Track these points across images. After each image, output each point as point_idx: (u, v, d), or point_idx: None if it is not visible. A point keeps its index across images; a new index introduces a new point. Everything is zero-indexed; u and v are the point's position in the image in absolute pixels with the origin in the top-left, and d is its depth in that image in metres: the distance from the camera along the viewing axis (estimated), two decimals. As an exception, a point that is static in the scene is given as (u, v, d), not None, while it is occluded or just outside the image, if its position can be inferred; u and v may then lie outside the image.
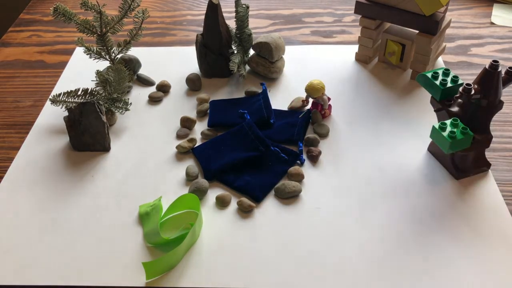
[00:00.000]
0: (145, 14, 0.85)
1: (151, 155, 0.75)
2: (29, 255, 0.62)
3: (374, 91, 0.85)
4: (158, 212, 0.65)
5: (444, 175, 0.70)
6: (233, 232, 0.64)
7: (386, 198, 0.67)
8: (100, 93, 0.80)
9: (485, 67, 0.63)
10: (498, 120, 0.79)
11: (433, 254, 0.61)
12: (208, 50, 0.87)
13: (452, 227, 0.64)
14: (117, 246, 0.63)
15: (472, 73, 0.89)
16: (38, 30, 1.07)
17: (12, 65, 0.97)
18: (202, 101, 0.83)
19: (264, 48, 0.85)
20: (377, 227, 0.64)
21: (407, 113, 0.80)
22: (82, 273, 0.60)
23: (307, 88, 0.78)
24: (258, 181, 0.69)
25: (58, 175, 0.72)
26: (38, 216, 0.67)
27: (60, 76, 0.92)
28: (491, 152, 0.73)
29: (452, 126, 0.63)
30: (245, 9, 0.86)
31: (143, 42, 0.99)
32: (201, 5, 1.15)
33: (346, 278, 0.59)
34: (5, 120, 0.83)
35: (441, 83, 0.67)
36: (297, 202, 0.67)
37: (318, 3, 1.13)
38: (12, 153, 0.77)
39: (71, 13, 0.80)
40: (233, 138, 0.75)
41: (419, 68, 0.85)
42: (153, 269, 0.59)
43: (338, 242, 0.62)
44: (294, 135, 0.76)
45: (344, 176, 0.71)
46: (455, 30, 1.01)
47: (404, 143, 0.75)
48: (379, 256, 0.61)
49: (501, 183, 0.69)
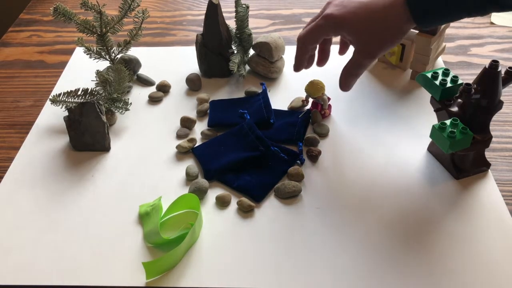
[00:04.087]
0: (145, 14, 0.85)
1: (151, 155, 0.75)
2: (29, 255, 0.62)
3: (374, 91, 0.85)
4: (158, 212, 0.65)
5: (444, 175, 0.70)
6: (233, 232, 0.64)
7: (386, 198, 0.67)
8: (100, 93, 0.80)
9: (485, 67, 0.63)
10: (498, 120, 0.79)
11: (432, 254, 0.61)
12: (208, 50, 0.87)
13: (451, 227, 0.64)
14: (117, 246, 0.63)
15: (472, 73, 0.89)
16: (38, 30, 1.08)
17: (12, 65, 0.97)
18: (202, 101, 0.84)
19: (264, 48, 0.85)
20: (377, 227, 0.64)
21: (407, 113, 0.80)
22: (82, 273, 0.60)
23: (307, 88, 0.78)
24: (258, 181, 0.69)
25: (58, 175, 0.72)
26: (38, 216, 0.67)
27: (60, 76, 0.92)
28: (491, 152, 0.73)
29: (452, 126, 0.63)
30: (245, 9, 0.86)
31: (143, 42, 0.99)
32: (201, 5, 1.15)
33: (346, 278, 0.59)
34: (5, 120, 0.83)
35: (441, 83, 0.67)
36: (297, 202, 0.68)
37: (318, 3, 1.13)
38: (12, 153, 0.77)
39: (71, 13, 0.80)
40: (233, 138, 0.75)
41: (419, 68, 0.85)
42: (153, 269, 0.59)
43: (338, 242, 0.62)
44: (294, 135, 0.76)
45: (344, 176, 0.71)
46: (455, 30, 1.01)
47: (404, 143, 0.75)
48: (379, 256, 0.61)
49: (501, 183, 0.69)
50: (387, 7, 0.63)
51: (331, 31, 0.68)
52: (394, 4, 0.63)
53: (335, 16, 0.66)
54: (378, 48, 0.67)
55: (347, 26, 0.66)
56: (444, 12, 0.61)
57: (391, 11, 0.63)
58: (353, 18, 0.65)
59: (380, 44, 0.66)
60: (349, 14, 0.65)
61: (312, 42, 0.70)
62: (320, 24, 0.68)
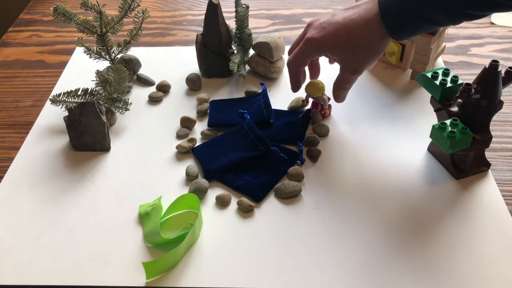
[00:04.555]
0: (145, 14, 0.85)
1: (151, 155, 0.75)
2: (29, 255, 0.62)
3: (374, 91, 0.85)
4: (158, 212, 0.65)
5: (444, 175, 0.70)
6: (233, 232, 0.64)
7: (386, 198, 0.67)
8: (100, 93, 0.80)
9: (485, 67, 0.63)
10: (498, 120, 0.79)
11: (432, 254, 0.61)
12: (208, 50, 0.87)
13: (451, 227, 0.64)
14: (117, 246, 0.63)
15: (472, 73, 0.89)
16: (38, 30, 1.08)
17: (12, 65, 0.97)
18: (202, 101, 0.84)
19: (264, 48, 0.85)
20: (377, 227, 0.64)
21: (407, 113, 0.80)
22: (82, 273, 0.60)
23: (307, 88, 0.78)
24: (258, 181, 0.69)
25: (58, 175, 0.72)
26: (38, 216, 0.67)
27: (60, 76, 0.92)
28: (491, 152, 0.73)
29: (452, 126, 0.63)
30: (245, 9, 0.86)
31: (143, 42, 0.99)
32: (201, 5, 1.15)
33: (346, 278, 0.59)
34: (5, 120, 0.83)
35: (441, 83, 0.67)
36: (297, 202, 0.68)
37: (318, 3, 1.13)
38: (12, 153, 0.77)
39: (71, 13, 0.80)
40: (233, 138, 0.75)
41: (419, 68, 0.85)
42: (153, 269, 0.59)
43: (338, 242, 0.62)
44: (294, 135, 0.76)
45: (344, 176, 0.71)
46: (455, 30, 1.01)
47: (404, 143, 0.75)
48: (379, 256, 0.61)
49: (501, 183, 0.69)
50: (364, 24, 0.66)
51: (315, 53, 0.72)
52: (371, 21, 0.65)
53: (316, 39, 0.69)
54: (361, 64, 0.70)
55: (329, 47, 0.69)
56: (417, 25, 0.64)
57: (368, 28, 0.66)
58: (334, 39, 0.68)
59: (362, 60, 0.70)
60: (329, 35, 0.68)
61: (300, 65, 0.74)
62: (304, 49, 0.71)
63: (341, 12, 0.69)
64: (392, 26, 0.64)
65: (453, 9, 0.61)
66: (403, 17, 0.63)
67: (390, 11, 0.64)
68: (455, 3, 0.60)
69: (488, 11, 0.61)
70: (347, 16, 0.68)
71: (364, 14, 0.66)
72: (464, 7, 0.60)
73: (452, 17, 0.62)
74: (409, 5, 0.62)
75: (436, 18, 0.62)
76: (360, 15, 0.66)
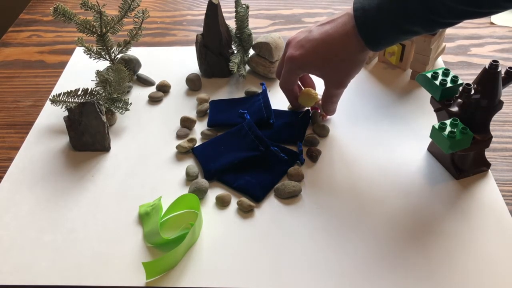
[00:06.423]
0: (145, 14, 0.85)
1: (151, 155, 0.75)
2: (29, 255, 0.62)
3: (374, 91, 0.85)
4: (158, 212, 0.65)
5: (444, 175, 0.70)
6: (233, 232, 0.64)
7: (386, 198, 0.67)
8: (100, 93, 0.80)
9: (485, 67, 0.63)
10: (498, 120, 0.79)
11: (432, 254, 0.61)
12: (208, 50, 0.87)
13: (451, 227, 0.64)
14: (117, 246, 0.63)
15: (472, 73, 0.89)
16: (38, 30, 1.08)
17: (12, 65, 0.97)
18: (202, 101, 0.84)
19: (264, 48, 0.85)
20: (377, 227, 0.64)
21: (407, 113, 0.80)
22: (82, 273, 0.60)
23: (299, 98, 0.78)
24: (258, 181, 0.69)
25: (58, 175, 0.72)
26: (38, 216, 0.67)
27: (60, 76, 0.92)
28: (491, 152, 0.73)
29: (452, 126, 0.63)
30: (245, 9, 0.86)
31: (143, 42, 0.99)
32: (201, 5, 1.15)
33: (346, 278, 0.59)
34: (5, 120, 0.84)
35: (441, 83, 0.67)
36: (297, 202, 0.68)
37: (318, 3, 1.13)
38: (12, 153, 0.77)
39: (71, 13, 0.80)
40: (233, 138, 0.75)
41: (419, 68, 0.85)
42: (153, 269, 0.59)
43: (338, 242, 0.62)
44: (294, 135, 0.76)
45: (344, 176, 0.71)
46: (455, 30, 1.01)
47: (404, 143, 0.75)
48: (379, 256, 0.61)
49: (501, 183, 0.69)
50: (341, 39, 0.66)
51: (299, 71, 0.72)
52: (348, 34, 0.66)
53: (296, 57, 0.70)
54: (344, 78, 0.71)
55: (310, 65, 0.70)
56: (394, 36, 0.64)
57: (346, 42, 0.66)
58: (313, 56, 0.69)
59: (344, 74, 0.70)
60: (308, 53, 0.69)
61: (291, 84, 0.75)
62: (287, 69, 0.72)
63: (318, 28, 0.69)
64: (369, 39, 0.64)
65: (429, 20, 0.61)
66: (379, 29, 0.63)
67: (366, 23, 0.64)
68: (432, 15, 0.60)
69: (463, 19, 0.62)
70: (324, 32, 0.68)
71: (340, 28, 0.66)
72: (440, 17, 0.60)
73: (429, 27, 0.62)
74: (385, 17, 0.62)
75: (413, 29, 0.62)
76: (337, 29, 0.67)
